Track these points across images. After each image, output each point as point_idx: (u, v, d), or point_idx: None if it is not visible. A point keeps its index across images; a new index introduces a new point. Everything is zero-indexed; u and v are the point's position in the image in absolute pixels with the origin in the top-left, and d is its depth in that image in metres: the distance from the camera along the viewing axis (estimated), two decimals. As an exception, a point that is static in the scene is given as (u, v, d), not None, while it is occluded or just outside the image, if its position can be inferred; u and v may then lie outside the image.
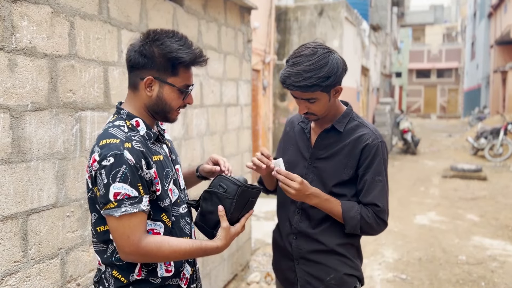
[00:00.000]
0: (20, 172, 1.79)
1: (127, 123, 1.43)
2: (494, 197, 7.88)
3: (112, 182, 1.32)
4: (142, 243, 1.35)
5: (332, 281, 1.81)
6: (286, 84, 1.67)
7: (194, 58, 1.42)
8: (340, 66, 1.68)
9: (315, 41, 1.74)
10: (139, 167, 1.35)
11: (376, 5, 17.25)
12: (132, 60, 1.42)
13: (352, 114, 1.86)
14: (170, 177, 1.49)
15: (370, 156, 1.75)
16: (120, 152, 1.33)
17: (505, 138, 12.09)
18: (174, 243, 1.40)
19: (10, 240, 1.75)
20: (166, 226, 1.46)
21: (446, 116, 36.04)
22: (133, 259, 1.38)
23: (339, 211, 1.75)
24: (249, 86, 4.32)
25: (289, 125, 2.02)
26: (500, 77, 19.25)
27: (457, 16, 41.95)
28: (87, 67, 2.14)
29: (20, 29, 1.76)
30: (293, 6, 9.79)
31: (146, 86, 1.42)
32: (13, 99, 1.75)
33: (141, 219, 1.36)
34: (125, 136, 1.38)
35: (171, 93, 1.44)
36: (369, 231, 1.79)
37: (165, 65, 1.40)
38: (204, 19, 3.36)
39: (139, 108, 1.46)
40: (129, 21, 2.46)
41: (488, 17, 22.46)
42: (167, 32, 1.43)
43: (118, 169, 1.31)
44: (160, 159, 1.46)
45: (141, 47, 1.41)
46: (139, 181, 1.34)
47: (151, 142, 1.46)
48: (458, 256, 4.94)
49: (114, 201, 1.32)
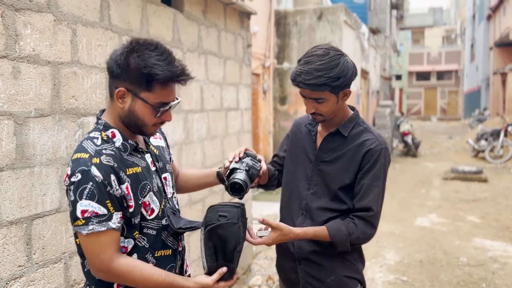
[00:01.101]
0: (24, 177, 1.81)
1: (102, 134, 1.38)
2: (495, 199, 7.88)
3: (79, 199, 1.27)
4: (114, 263, 1.31)
5: (332, 283, 1.83)
6: (297, 82, 1.70)
7: (171, 76, 1.33)
8: (350, 69, 1.72)
9: (328, 44, 1.80)
10: (107, 184, 1.29)
11: (375, 8, 17.31)
12: (109, 67, 1.36)
13: (359, 119, 1.87)
14: (148, 190, 1.42)
15: (372, 161, 1.76)
16: (88, 168, 1.28)
17: (505, 140, 12.10)
18: (146, 272, 1.34)
19: (15, 245, 1.78)
20: (135, 243, 1.41)
21: (446, 118, 36.05)
22: (102, 277, 1.35)
23: (328, 239, 1.76)
24: (249, 90, 4.35)
25: (296, 126, 2.04)
26: (500, 79, 19.27)
27: (456, 19, 42.03)
28: (89, 74, 2.17)
29: (23, 37, 1.80)
30: (292, 10, 9.84)
31: (118, 97, 1.35)
32: (17, 106, 1.77)
33: (112, 237, 1.31)
34: (95, 150, 1.32)
35: (143, 108, 1.35)
36: (359, 243, 1.81)
37: (139, 79, 1.32)
38: (204, 25, 3.40)
39: (115, 118, 1.40)
40: (130, 27, 2.50)
41: (487, 19, 22.52)
42: (150, 44, 1.34)
43: (85, 186, 1.27)
44: (137, 172, 1.39)
45: (119, 56, 1.34)
46: (107, 198, 1.29)
47: (128, 153, 1.39)
48: (459, 258, 4.95)
49: (81, 219, 1.28)
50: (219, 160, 3.74)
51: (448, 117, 36.27)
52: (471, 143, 13.36)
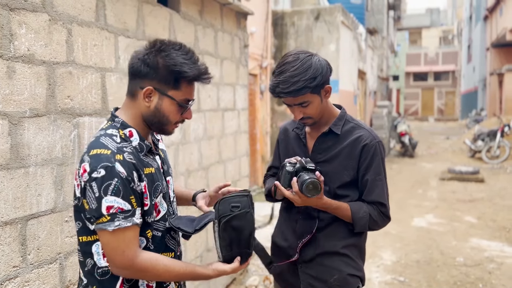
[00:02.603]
0: (19, 177, 1.80)
1: (120, 133, 1.39)
2: (492, 199, 7.91)
3: (104, 195, 1.28)
4: (138, 258, 1.32)
5: (335, 282, 1.83)
6: (276, 93, 1.72)
7: (198, 75, 1.40)
8: (324, 66, 1.73)
9: (297, 49, 1.82)
10: (131, 180, 1.31)
11: (372, 9, 17.34)
12: (135, 67, 1.39)
13: (347, 116, 1.90)
14: (159, 191, 1.45)
15: (369, 156, 1.80)
16: (112, 164, 1.29)
17: (502, 140, 12.13)
18: (168, 264, 1.38)
19: (9, 245, 1.77)
20: (147, 241, 1.43)
21: (443, 118, 36.10)
22: (125, 274, 1.35)
23: (349, 215, 1.82)
24: (246, 90, 4.35)
25: (283, 132, 2.04)
26: (497, 80, 19.33)
27: (453, 19, 42.14)
28: (85, 74, 2.17)
29: (18, 36, 1.79)
30: (289, 11, 9.86)
31: (145, 96, 1.39)
32: (12, 105, 1.77)
33: (135, 233, 1.33)
34: (117, 147, 1.34)
35: (170, 106, 1.40)
36: (375, 228, 1.88)
37: (167, 78, 1.37)
38: (200, 25, 3.39)
39: (135, 117, 1.43)
40: (126, 27, 2.49)
41: (484, 20, 22.58)
42: (174, 44, 1.40)
43: (110, 182, 1.28)
44: (152, 172, 1.42)
45: (146, 56, 1.37)
46: (131, 194, 1.31)
47: (143, 154, 1.42)
48: (456, 258, 4.96)
49: (107, 215, 1.28)
50: (216, 160, 3.74)
51: (445, 118, 36.33)
52: (468, 143, 13.39)
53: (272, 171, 2.11)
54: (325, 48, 9.43)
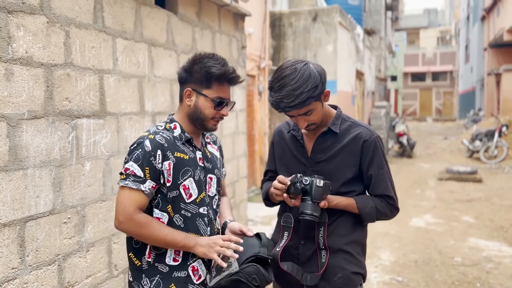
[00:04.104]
0: (17, 179, 1.81)
1: (166, 125, 1.72)
2: (489, 199, 7.92)
3: (129, 160, 1.59)
4: (136, 215, 1.57)
5: (339, 280, 1.84)
6: (281, 108, 1.71)
7: (224, 73, 1.65)
8: (321, 72, 1.75)
9: (287, 60, 1.81)
10: (153, 155, 1.59)
11: (370, 9, 17.38)
12: (179, 76, 1.71)
13: (343, 115, 1.93)
14: (189, 175, 1.68)
15: (370, 152, 1.84)
16: (143, 140, 1.61)
17: (499, 140, 12.16)
18: (162, 225, 1.60)
19: (8, 247, 1.77)
20: (170, 217, 1.65)
21: (441, 119, 36.17)
22: (124, 228, 1.58)
23: (356, 211, 1.87)
24: (243, 91, 4.36)
25: (278, 134, 2.04)
26: (494, 80, 19.37)
27: (451, 20, 42.22)
28: (83, 75, 2.17)
29: (16, 39, 1.79)
30: (287, 12, 9.87)
31: (186, 96, 1.69)
32: (10, 108, 1.77)
33: (139, 197, 1.58)
34: (154, 131, 1.66)
35: (205, 103, 1.67)
36: (384, 219, 1.94)
37: (200, 79, 1.66)
38: (198, 27, 3.40)
39: (182, 116, 1.73)
40: (124, 29, 2.50)
41: (482, 20, 22.63)
42: (209, 55, 1.70)
43: (136, 151, 1.59)
44: (183, 157, 1.67)
45: (186, 65, 1.70)
46: (148, 165, 1.58)
47: (182, 142, 1.69)
48: (454, 258, 4.97)
49: (124, 174, 1.58)
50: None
51: (443, 118, 36.40)
52: (466, 143, 13.41)
53: (269, 175, 2.11)
54: (323, 49, 9.45)
